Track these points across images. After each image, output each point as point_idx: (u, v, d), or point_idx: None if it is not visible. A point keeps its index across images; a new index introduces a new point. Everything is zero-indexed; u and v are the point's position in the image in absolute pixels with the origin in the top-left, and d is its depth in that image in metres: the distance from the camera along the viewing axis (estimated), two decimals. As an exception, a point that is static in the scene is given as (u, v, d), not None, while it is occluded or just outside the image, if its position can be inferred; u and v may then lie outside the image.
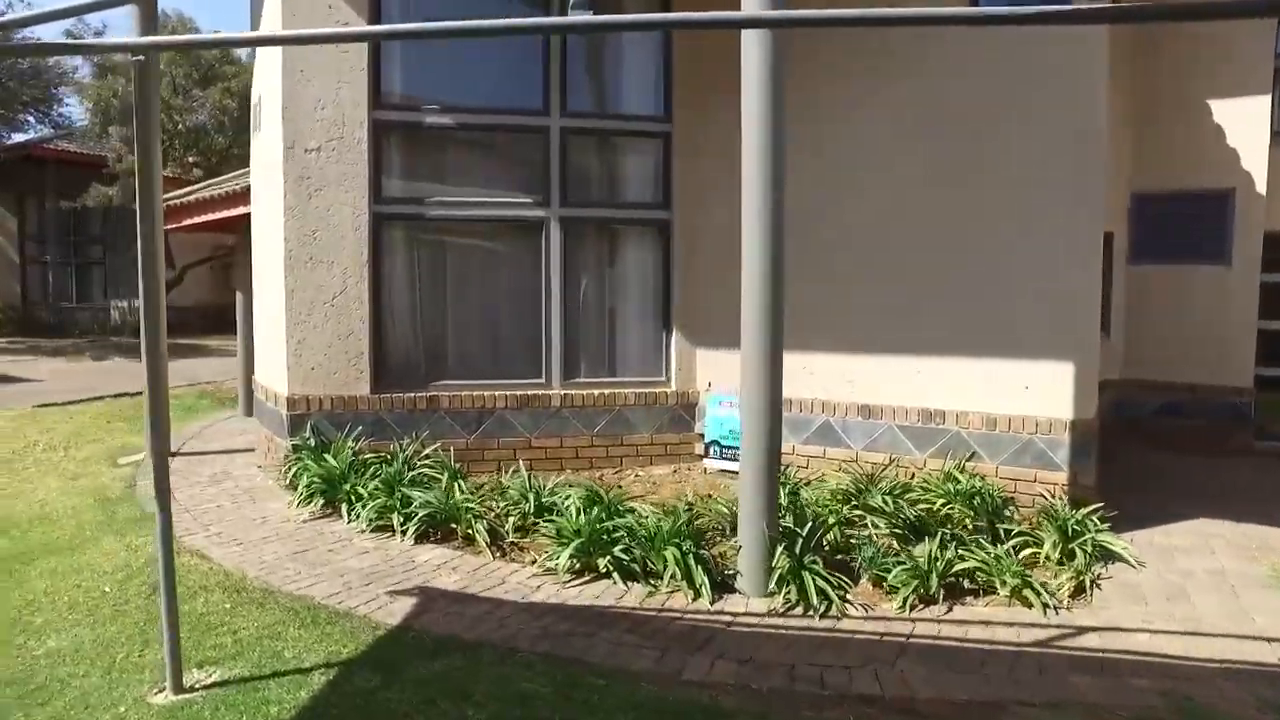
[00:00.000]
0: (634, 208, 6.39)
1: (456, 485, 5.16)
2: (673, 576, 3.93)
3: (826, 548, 4.28)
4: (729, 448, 6.09)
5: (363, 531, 4.79)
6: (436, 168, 6.06)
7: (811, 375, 5.91)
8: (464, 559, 4.38)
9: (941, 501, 4.98)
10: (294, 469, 5.44)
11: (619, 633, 3.47)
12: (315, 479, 5.26)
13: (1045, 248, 5.12)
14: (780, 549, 3.89)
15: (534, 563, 4.34)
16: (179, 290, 19.09)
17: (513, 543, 4.60)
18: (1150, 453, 7.22)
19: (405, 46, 5.87)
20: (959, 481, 5.13)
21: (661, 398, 6.33)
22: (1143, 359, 7.87)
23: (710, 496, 5.57)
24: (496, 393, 6.01)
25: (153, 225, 3.04)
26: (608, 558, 4.03)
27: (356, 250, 5.75)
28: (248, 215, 8.28)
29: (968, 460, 5.36)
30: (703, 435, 6.34)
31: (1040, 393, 5.18)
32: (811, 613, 3.70)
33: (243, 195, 8.00)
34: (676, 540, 4.01)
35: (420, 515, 4.64)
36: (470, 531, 4.60)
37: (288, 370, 5.68)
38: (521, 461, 5.98)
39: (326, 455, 5.48)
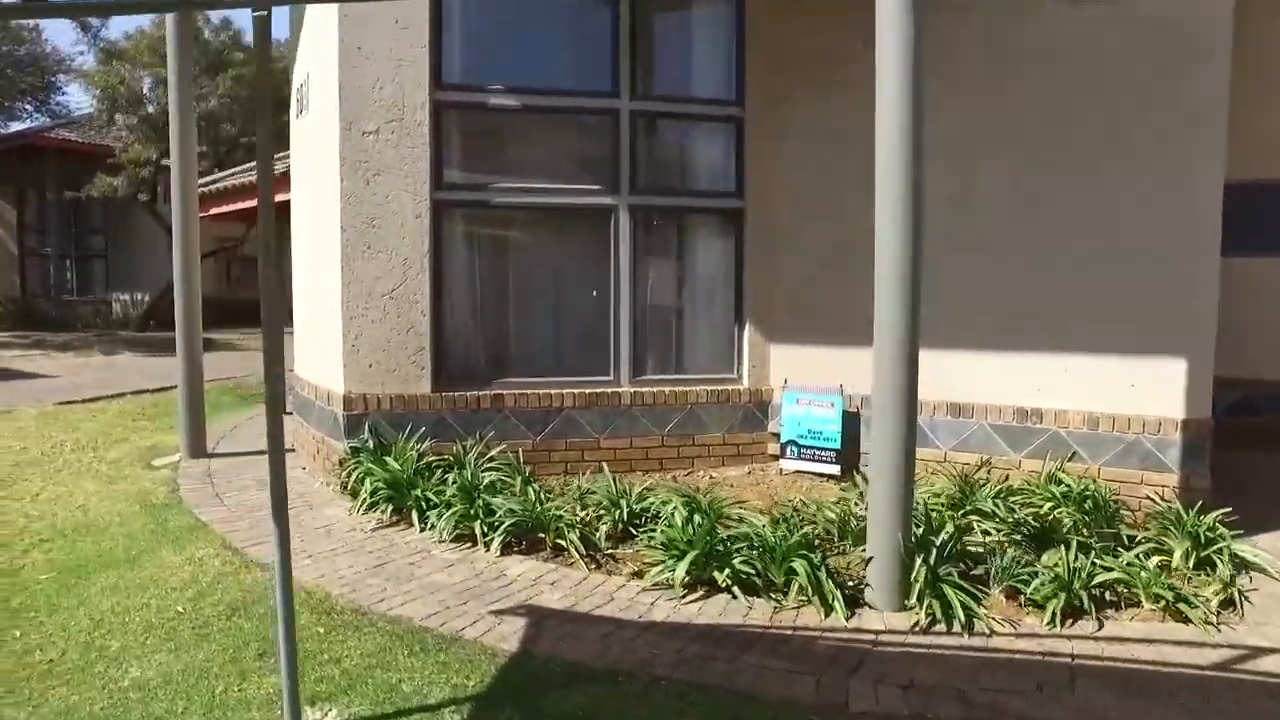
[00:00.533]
0: (705, 196, 6.06)
1: (530, 490, 4.86)
2: (800, 591, 3.63)
3: (951, 556, 3.99)
4: (808, 447, 5.79)
5: (440, 541, 4.46)
6: (500, 153, 5.72)
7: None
8: (559, 572, 4.06)
9: (1049, 505, 4.70)
10: (355, 473, 5.09)
11: (761, 655, 3.17)
12: (380, 484, 4.92)
13: (1159, 234, 4.83)
14: (919, 561, 3.59)
15: (635, 575, 4.03)
16: (183, 284, 18.67)
17: (607, 553, 4.29)
18: (1228, 451, 6.96)
19: (468, 22, 5.52)
20: (1063, 483, 4.87)
21: (734, 395, 6.02)
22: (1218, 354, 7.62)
23: (799, 500, 5.29)
24: (563, 391, 5.68)
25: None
26: (727, 571, 3.72)
27: (417, 239, 5.41)
28: (282, 203, 7.96)
29: (1068, 461, 5.09)
30: (776, 434, 6.04)
31: (1148, 390, 4.91)
32: (956, 629, 3.41)
33: (280, 181, 7.63)
34: (803, 552, 3.71)
35: (506, 525, 4.31)
36: (560, 541, 4.29)
37: (343, 367, 5.33)
38: (597, 464, 5.68)
39: (387, 458, 5.15)
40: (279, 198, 7.76)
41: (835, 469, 5.70)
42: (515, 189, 5.67)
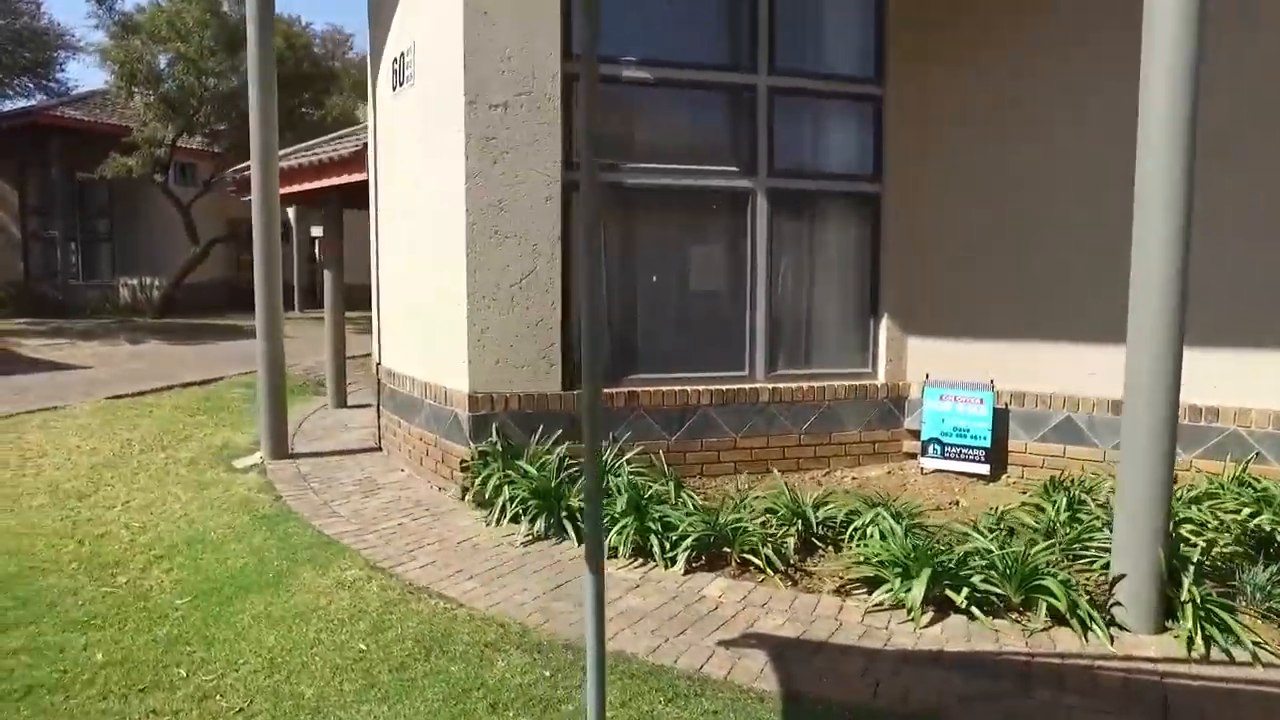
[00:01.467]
0: (841, 179, 5.65)
1: (685, 497, 4.48)
2: (1049, 612, 3.29)
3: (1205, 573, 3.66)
4: (953, 445, 5.45)
5: (609, 559, 4.07)
6: (631, 131, 5.28)
7: (1051, 366, 5.28)
8: (760, 592, 3.69)
9: (1248, 511, 4.39)
10: (488, 480, 4.67)
11: (1052, 691, 2.82)
12: (522, 493, 4.51)
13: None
14: (1186, 580, 3.26)
15: (838, 592, 3.67)
16: (197, 268, 17.99)
17: (797, 568, 3.93)
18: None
19: (599, -14, 5.05)
20: (1255, 486, 4.56)
21: (870, 391, 5.65)
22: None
23: (957, 504, 4.96)
24: (699, 388, 5.29)
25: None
26: (964, 591, 3.37)
27: (548, 224, 4.97)
28: (346, 184, 7.46)
29: (1250, 462, 4.78)
30: (914, 431, 5.70)
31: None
32: (1218, 655, 3.09)
33: (353, 162, 7.14)
34: (1052, 570, 3.36)
35: (689, 541, 3.93)
36: (747, 557, 3.91)
37: (468, 364, 4.90)
38: (733, 464, 5.33)
39: (519, 462, 4.75)
40: (351, 178, 7.31)
41: (984, 468, 5.36)
42: (647, 170, 5.24)
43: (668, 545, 3.96)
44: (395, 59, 5.76)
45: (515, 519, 4.52)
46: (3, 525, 4.62)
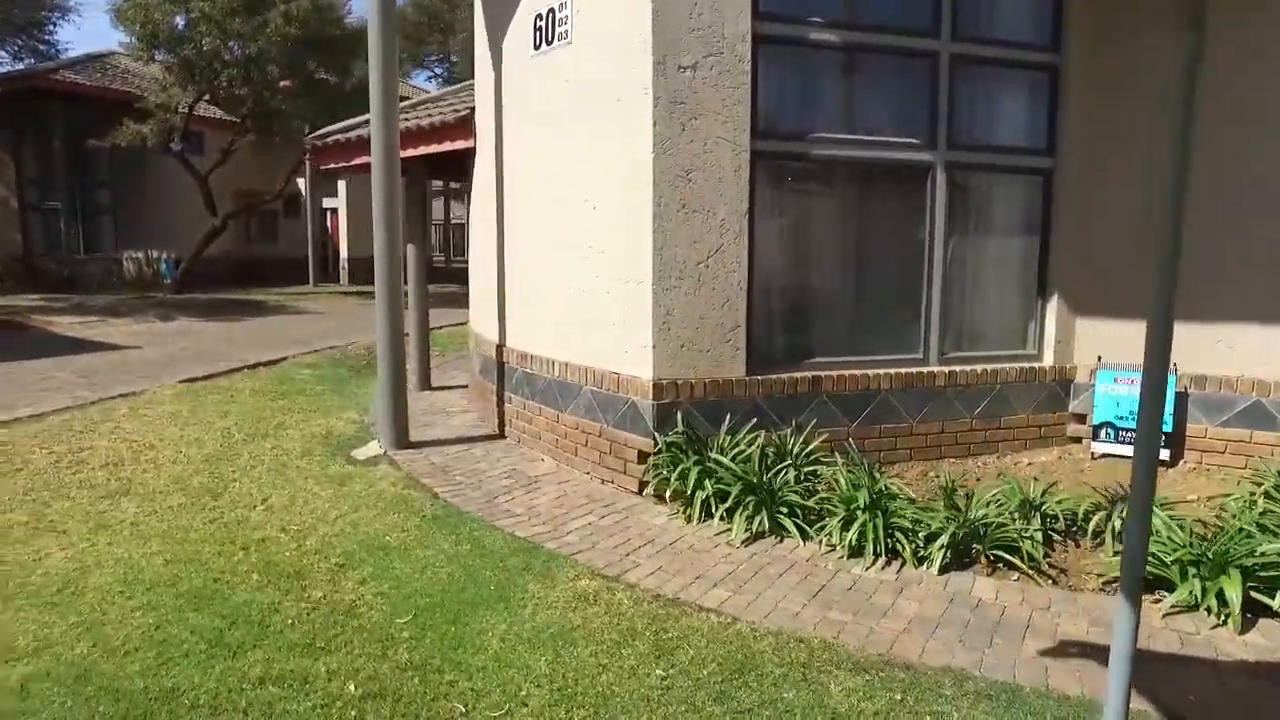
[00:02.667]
0: (1015, 153, 5.36)
1: (887, 487, 4.23)
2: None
3: None
4: (1127, 430, 5.26)
5: (842, 557, 3.81)
6: (814, 98, 4.93)
7: (1230, 349, 5.09)
8: (1030, 591, 3.47)
9: None
10: (690, 475, 4.36)
11: None
12: (727, 488, 4.23)
13: None
14: None
15: (1105, 590, 3.46)
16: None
17: (1051, 564, 3.71)
18: None
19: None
20: None
21: (1038, 374, 5.43)
22: None
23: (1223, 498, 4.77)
24: (877, 372, 5.02)
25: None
26: (1280, 595, 3.18)
27: (736, 198, 4.62)
28: (441, 153, 7.00)
29: None
30: (1080, 415, 5.51)
31: None
32: None
33: (456, 127, 6.68)
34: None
35: (944, 538, 3.68)
36: (1000, 554, 3.69)
37: (651, 349, 4.57)
38: (908, 451, 5.10)
39: (714, 455, 4.46)
40: (453, 146, 6.86)
41: (1164, 454, 5.19)
42: (833, 140, 4.90)
43: (922, 544, 3.72)
44: (539, 15, 5.32)
45: (714, 515, 4.24)
46: (156, 529, 4.22)
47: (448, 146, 6.84)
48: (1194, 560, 3.35)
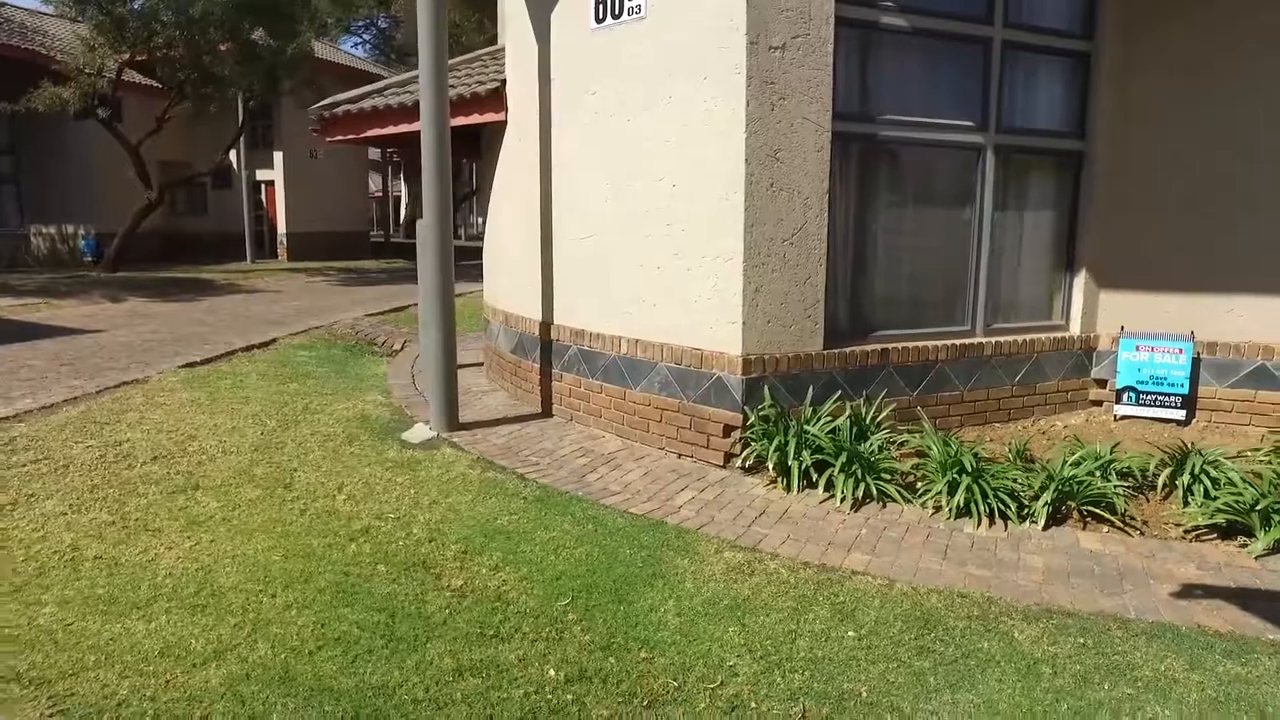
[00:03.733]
0: (1048, 135, 5.68)
1: (966, 453, 4.52)
2: None
3: None
4: (1148, 393, 5.76)
5: (950, 518, 4.06)
6: (883, 80, 5.08)
7: (1240, 316, 5.63)
8: (1129, 542, 3.81)
9: None
10: (789, 446, 4.49)
11: None
12: (824, 457, 4.41)
13: None
14: None
15: (1190, 539, 3.85)
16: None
17: (1134, 518, 4.07)
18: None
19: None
20: None
21: (1066, 343, 5.85)
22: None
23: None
24: (935, 343, 5.30)
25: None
26: (1352, 535, 3.62)
27: (817, 176, 4.75)
28: (469, 125, 6.80)
29: None
30: (1100, 380, 5.97)
31: None
32: None
33: (488, 100, 6.49)
34: None
35: (1047, 496, 3.98)
36: (1095, 511, 4.02)
37: (741, 326, 4.67)
38: (959, 418, 5.41)
39: (806, 427, 4.62)
40: (482, 119, 6.66)
41: (1180, 414, 5.70)
42: (895, 122, 5.08)
43: (1023, 503, 4.01)
44: (601, -10, 5.24)
45: (812, 484, 4.42)
46: (250, 523, 4.04)
47: (475, 119, 6.65)
48: (1273, 508, 3.77)
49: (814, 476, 4.46)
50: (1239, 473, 4.10)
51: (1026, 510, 4.02)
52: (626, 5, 5.08)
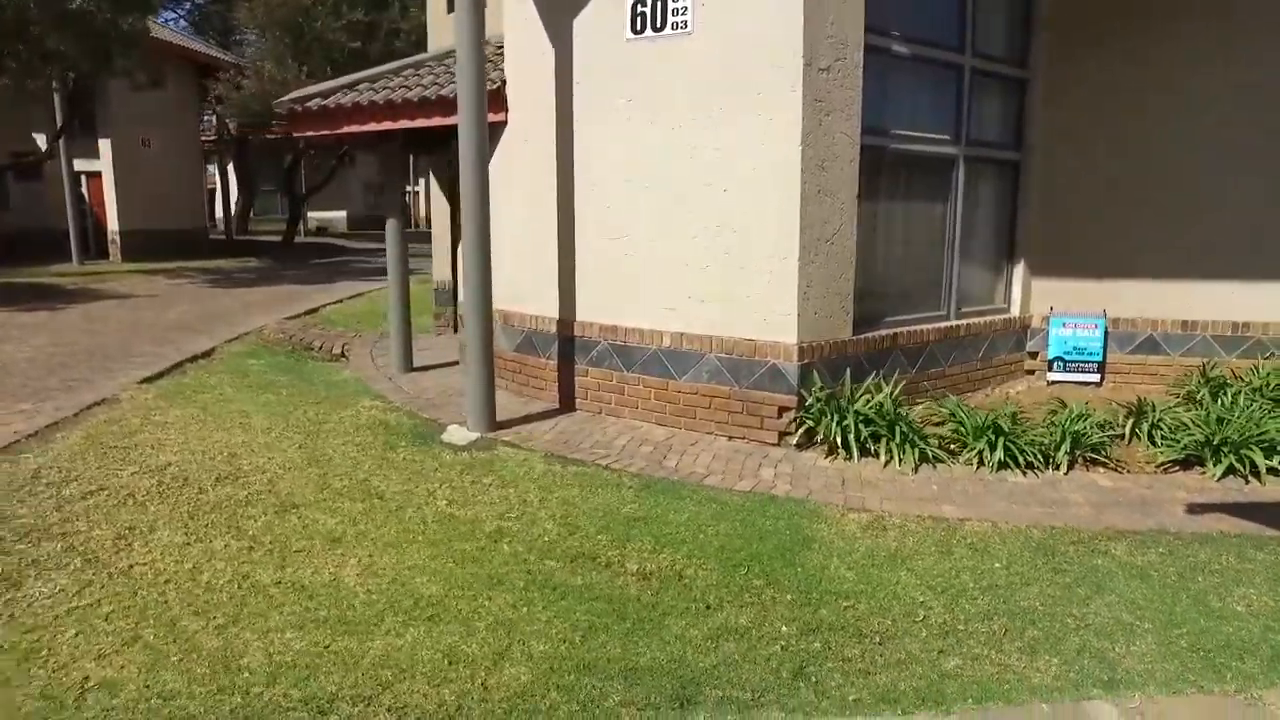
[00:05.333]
0: (998, 148, 6.75)
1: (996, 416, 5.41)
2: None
3: None
4: (1073, 362, 7.03)
5: (992, 470, 4.87)
6: (888, 99, 5.79)
7: (1135, 298, 7.01)
8: (1123, 479, 4.81)
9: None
10: (849, 420, 5.11)
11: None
12: (878, 430, 5.09)
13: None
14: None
15: (1159, 471, 4.93)
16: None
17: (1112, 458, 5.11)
18: None
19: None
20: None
21: (1011, 324, 6.98)
22: None
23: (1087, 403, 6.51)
24: (927, 326, 6.16)
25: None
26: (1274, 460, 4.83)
27: (850, 184, 5.38)
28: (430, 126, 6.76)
29: (1267, 358, 6.93)
30: (1033, 353, 7.18)
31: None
32: None
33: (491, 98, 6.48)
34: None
35: (1066, 445, 4.91)
36: (1088, 455, 5.02)
37: (796, 317, 5.21)
38: (942, 390, 6.31)
39: (854, 405, 5.27)
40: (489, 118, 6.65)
41: (1096, 378, 7.03)
42: (901, 136, 5.85)
43: (1047, 455, 4.91)
44: (639, 1, 5.51)
45: (867, 453, 5.08)
46: (387, 535, 3.99)
47: (453, 121, 6.60)
48: (1221, 442, 4.92)
49: (871, 447, 5.13)
50: (1191, 418, 5.27)
51: (1050, 459, 4.93)
52: (670, 20, 5.41)
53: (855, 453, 5.09)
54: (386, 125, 6.84)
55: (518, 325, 6.70)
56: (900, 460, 4.99)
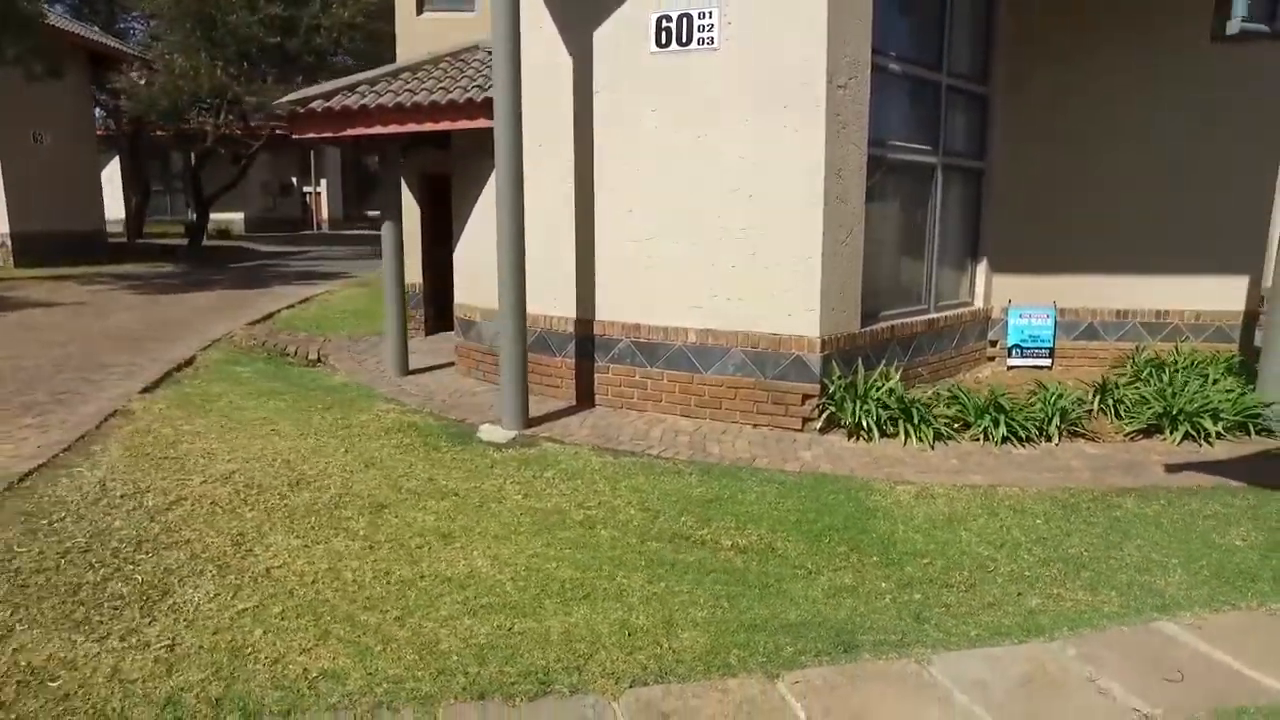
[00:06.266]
0: (967, 157, 7.49)
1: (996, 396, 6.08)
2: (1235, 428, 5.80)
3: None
4: (1029, 349, 7.89)
5: (997, 444, 5.51)
6: (887, 113, 6.35)
7: (1079, 290, 7.93)
8: (1104, 447, 5.55)
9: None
10: (871, 406, 5.65)
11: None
12: (893, 414, 5.65)
13: (1240, 204, 7.83)
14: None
15: (1127, 440, 5.73)
16: None
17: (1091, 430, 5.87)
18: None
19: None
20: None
21: (976, 315, 7.75)
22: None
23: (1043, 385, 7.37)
24: (916, 319, 6.79)
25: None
26: (1215, 425, 5.68)
27: (859, 190, 5.91)
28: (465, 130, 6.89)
29: (1183, 341, 8.00)
30: (994, 342, 7.99)
31: (1222, 297, 7.98)
32: None
33: (483, 106, 6.62)
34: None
35: (1055, 421, 5.61)
36: (1070, 428, 5.75)
37: (819, 313, 5.69)
38: (928, 375, 6.97)
39: (871, 392, 5.80)
40: (472, 124, 6.80)
41: (1048, 362, 7.90)
42: (894, 146, 6.44)
43: (1044, 426, 5.59)
44: (664, 17, 5.82)
45: (885, 434, 5.63)
46: (490, 528, 4.17)
47: (480, 124, 6.74)
48: (1177, 413, 5.76)
49: (889, 428, 5.67)
50: (1150, 393, 6.11)
51: (1044, 432, 5.62)
52: (696, 36, 5.76)
53: (876, 434, 5.62)
54: (394, 129, 6.85)
55: (530, 326, 6.87)
56: (918, 439, 5.56)
